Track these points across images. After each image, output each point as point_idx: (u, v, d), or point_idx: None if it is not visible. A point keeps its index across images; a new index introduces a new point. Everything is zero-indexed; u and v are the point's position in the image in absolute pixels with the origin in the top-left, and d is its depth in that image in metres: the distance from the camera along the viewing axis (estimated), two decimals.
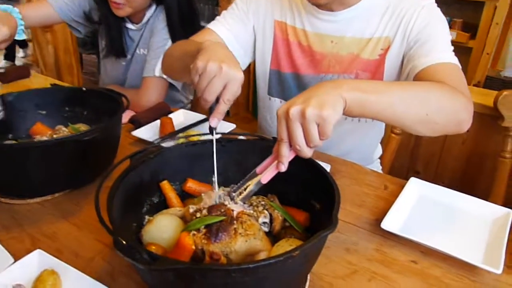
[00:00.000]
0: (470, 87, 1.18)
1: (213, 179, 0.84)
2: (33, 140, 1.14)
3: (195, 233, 0.71)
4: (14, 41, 1.38)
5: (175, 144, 0.87)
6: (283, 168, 0.73)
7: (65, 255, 0.82)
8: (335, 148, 1.27)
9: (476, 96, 1.42)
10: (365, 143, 1.38)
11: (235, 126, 1.34)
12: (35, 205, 0.98)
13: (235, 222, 0.72)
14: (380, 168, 1.51)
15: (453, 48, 1.05)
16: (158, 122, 1.32)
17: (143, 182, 0.82)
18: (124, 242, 0.58)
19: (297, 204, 0.85)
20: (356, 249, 0.86)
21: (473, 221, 0.94)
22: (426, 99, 0.84)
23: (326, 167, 0.92)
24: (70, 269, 0.75)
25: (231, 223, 0.72)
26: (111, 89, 1.21)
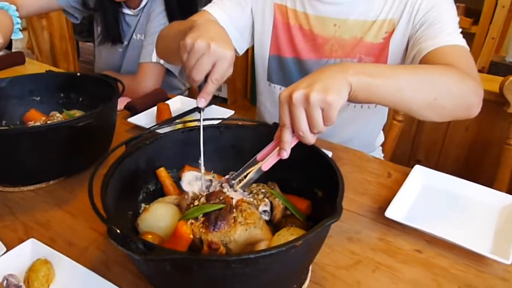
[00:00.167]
0: None
1: (199, 161, 0.81)
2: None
3: (193, 221, 0.68)
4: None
5: (172, 130, 0.84)
6: (285, 155, 0.70)
7: (59, 244, 0.80)
8: (337, 135, 1.24)
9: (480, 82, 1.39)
10: (367, 130, 1.35)
11: (233, 112, 1.31)
12: (29, 192, 0.96)
13: (234, 210, 0.69)
14: (382, 155, 1.49)
15: (461, 30, 1.01)
16: (154, 108, 1.29)
17: (139, 169, 0.79)
18: (118, 231, 0.55)
19: (299, 191, 0.82)
20: (359, 238, 0.83)
21: (479, 210, 0.91)
22: (434, 83, 0.80)
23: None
24: (63, 259, 0.73)
25: (230, 212, 0.69)
26: (107, 75, 1.18)
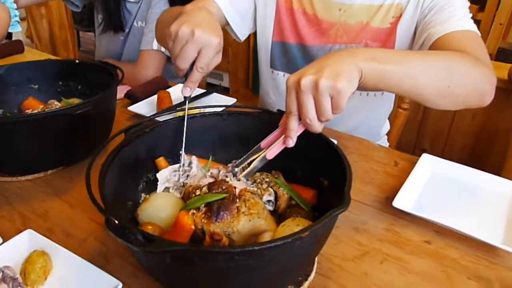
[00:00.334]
0: None
1: (181, 152, 0.79)
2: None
3: (195, 212, 0.66)
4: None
5: (172, 118, 0.81)
6: (291, 143, 0.67)
7: (57, 235, 0.78)
8: (343, 123, 1.21)
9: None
10: (373, 118, 1.32)
11: (236, 100, 1.28)
12: (26, 182, 0.94)
13: (237, 200, 0.67)
14: (387, 144, 1.46)
15: (472, 15, 0.98)
16: (155, 97, 1.26)
17: (138, 158, 0.77)
18: (116, 221, 0.52)
19: (304, 181, 0.79)
20: (366, 229, 0.81)
21: (490, 199, 0.88)
22: (448, 70, 0.77)
23: None
24: (61, 250, 0.70)
25: (233, 201, 0.66)
26: (106, 62, 1.15)
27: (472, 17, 0.98)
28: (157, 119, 0.86)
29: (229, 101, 1.28)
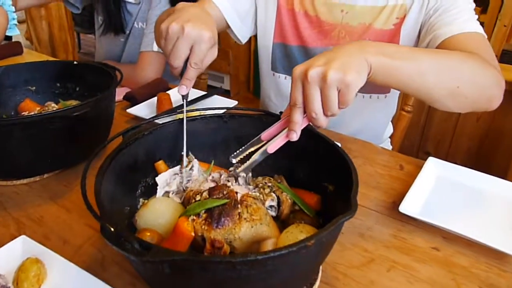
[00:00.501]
0: None
1: (182, 153, 0.77)
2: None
3: (195, 218, 0.63)
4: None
5: (172, 120, 0.79)
6: (295, 137, 0.64)
7: (52, 242, 0.75)
8: (345, 126, 1.19)
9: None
10: (376, 121, 1.29)
11: (237, 102, 1.26)
12: (22, 186, 0.91)
13: (239, 205, 0.64)
14: (390, 147, 1.43)
15: (477, 17, 0.96)
16: (155, 99, 1.24)
17: (137, 161, 0.74)
18: (112, 228, 0.50)
19: (307, 185, 0.76)
20: (371, 235, 0.78)
21: (499, 204, 0.86)
22: (458, 70, 0.75)
23: None
24: (56, 257, 0.68)
25: (234, 207, 0.64)
26: (105, 63, 1.13)
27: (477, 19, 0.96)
28: (157, 121, 0.83)
29: (231, 103, 1.26)
